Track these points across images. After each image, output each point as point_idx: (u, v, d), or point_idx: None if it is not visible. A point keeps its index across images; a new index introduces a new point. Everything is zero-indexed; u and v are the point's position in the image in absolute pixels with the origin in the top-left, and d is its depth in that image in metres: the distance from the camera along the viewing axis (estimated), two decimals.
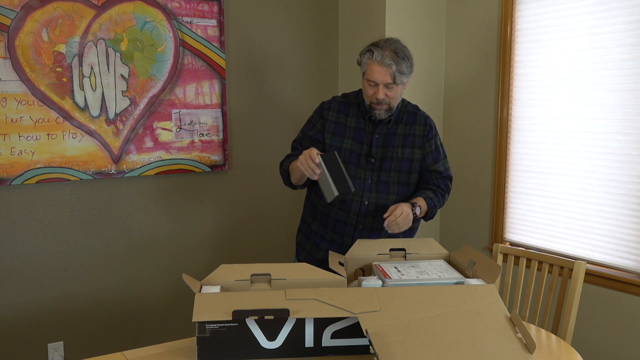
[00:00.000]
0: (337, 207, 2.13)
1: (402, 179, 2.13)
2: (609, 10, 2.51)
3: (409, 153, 2.13)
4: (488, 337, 1.43)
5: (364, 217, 2.11)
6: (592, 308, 2.67)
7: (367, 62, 2.03)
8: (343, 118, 2.15)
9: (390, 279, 1.71)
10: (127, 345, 2.94)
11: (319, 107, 2.22)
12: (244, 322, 1.49)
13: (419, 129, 2.16)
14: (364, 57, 2.05)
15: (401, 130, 2.14)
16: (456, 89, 3.27)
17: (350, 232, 2.13)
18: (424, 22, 3.22)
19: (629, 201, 2.50)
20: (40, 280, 2.71)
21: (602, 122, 2.57)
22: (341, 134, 2.13)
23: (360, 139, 2.12)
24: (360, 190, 2.10)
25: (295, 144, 2.22)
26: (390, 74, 1.99)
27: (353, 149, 2.12)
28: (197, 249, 3.11)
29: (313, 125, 2.19)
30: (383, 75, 1.99)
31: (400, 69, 1.99)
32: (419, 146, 2.14)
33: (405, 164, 2.13)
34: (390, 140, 2.13)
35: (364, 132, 2.12)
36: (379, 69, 1.99)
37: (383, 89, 2.01)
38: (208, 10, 2.96)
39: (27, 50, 2.56)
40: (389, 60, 1.97)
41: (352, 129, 2.13)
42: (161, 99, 2.89)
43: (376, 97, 2.02)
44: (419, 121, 2.17)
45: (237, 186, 3.18)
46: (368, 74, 2.03)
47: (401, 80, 2.01)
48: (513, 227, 3.02)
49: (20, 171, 2.59)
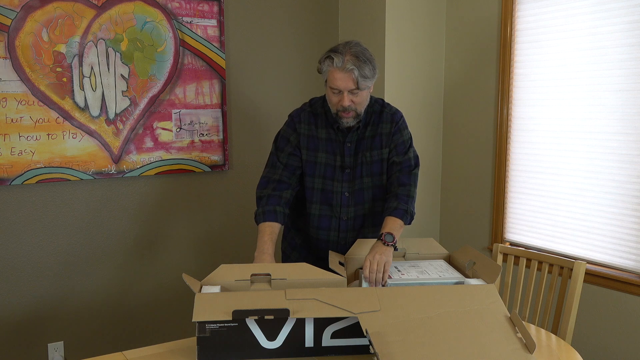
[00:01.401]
0: (316, 227, 2.10)
1: (374, 182, 2.08)
2: (609, 10, 2.50)
3: (377, 155, 2.07)
4: (488, 337, 1.43)
5: (344, 233, 2.09)
6: (592, 308, 2.67)
7: (327, 69, 1.93)
8: (314, 130, 2.08)
9: (390, 279, 1.71)
10: (127, 345, 2.94)
11: (289, 120, 2.14)
12: (244, 322, 1.49)
13: (385, 127, 2.07)
14: (323, 64, 1.94)
15: (369, 132, 2.07)
16: (456, 89, 3.27)
17: (334, 248, 2.10)
18: (424, 22, 3.22)
19: (629, 201, 2.49)
20: (40, 280, 2.71)
21: (602, 122, 2.56)
22: (314, 147, 2.07)
23: (333, 151, 2.06)
24: (338, 205, 2.07)
25: (274, 160, 2.10)
26: (353, 80, 1.89)
27: (328, 162, 2.06)
28: (197, 249, 3.11)
29: (288, 140, 2.10)
30: (346, 82, 1.90)
31: (363, 73, 1.89)
32: (386, 144, 2.07)
33: (375, 166, 2.08)
34: (360, 145, 2.07)
35: (335, 143, 2.06)
36: (340, 75, 1.90)
37: (348, 96, 1.92)
38: (208, 10, 2.96)
39: (27, 50, 2.56)
40: (350, 65, 1.88)
41: (324, 141, 2.07)
42: (161, 99, 2.89)
43: (342, 105, 1.94)
44: (385, 119, 2.08)
45: (237, 186, 3.18)
46: (330, 81, 1.93)
47: (365, 84, 1.92)
48: (513, 227, 3.02)
49: (20, 171, 2.59)
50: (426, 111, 3.30)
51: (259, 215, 2.02)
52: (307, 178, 2.07)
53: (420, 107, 3.27)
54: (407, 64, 3.18)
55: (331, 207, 2.07)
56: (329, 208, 2.07)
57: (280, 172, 2.05)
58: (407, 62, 3.18)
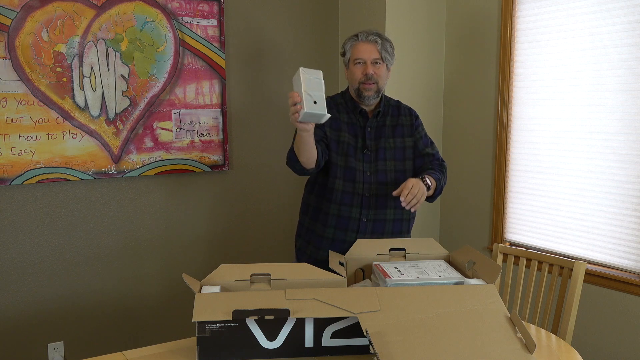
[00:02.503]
0: (338, 202, 2.15)
1: (397, 166, 2.19)
2: (609, 10, 2.51)
3: (400, 142, 2.20)
4: (488, 337, 1.43)
5: (366, 210, 2.15)
6: (592, 308, 2.67)
7: (352, 44, 2.13)
8: (336, 113, 2.20)
9: (390, 279, 1.71)
10: (127, 345, 2.94)
11: None
12: (244, 322, 1.49)
13: (405, 120, 2.23)
14: (347, 43, 2.15)
15: (389, 122, 2.21)
16: (456, 89, 3.27)
17: (355, 226, 2.15)
18: (424, 21, 3.22)
19: (629, 201, 2.49)
20: (40, 280, 2.71)
21: (602, 122, 2.57)
22: (338, 127, 2.18)
23: (354, 133, 2.18)
24: (360, 182, 2.14)
25: None
26: (377, 50, 2.09)
27: (350, 142, 2.17)
28: (196, 248, 3.11)
29: None
30: (370, 52, 2.10)
31: (385, 47, 2.10)
32: (409, 134, 2.22)
33: (398, 152, 2.19)
34: (381, 132, 2.19)
35: (356, 126, 2.19)
36: (364, 46, 2.10)
37: (371, 65, 2.10)
38: (208, 10, 2.96)
39: (27, 50, 2.56)
40: (373, 37, 2.09)
41: (346, 124, 2.19)
42: (161, 99, 2.89)
43: (365, 73, 2.10)
44: (403, 112, 2.25)
45: (237, 186, 3.18)
46: (354, 53, 2.12)
47: (387, 57, 2.12)
48: (513, 227, 3.02)
49: (20, 171, 2.59)
50: (426, 111, 3.30)
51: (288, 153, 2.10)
52: (332, 154, 2.17)
53: (420, 107, 3.27)
54: (407, 63, 3.18)
55: (354, 184, 2.15)
56: (352, 185, 2.15)
57: None
58: (407, 62, 3.18)
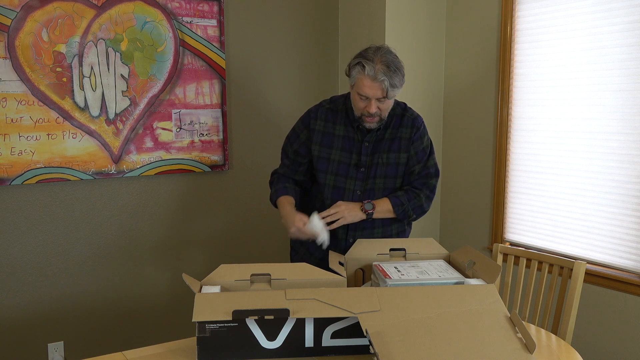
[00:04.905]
0: None
1: (387, 184, 2.09)
2: (609, 10, 2.50)
3: (394, 158, 2.08)
4: (488, 337, 1.43)
5: (353, 230, 2.10)
6: (592, 308, 2.67)
7: (357, 76, 1.93)
8: (331, 127, 2.09)
9: (390, 279, 1.71)
10: (127, 345, 2.94)
11: (305, 115, 2.16)
12: (244, 322, 1.49)
13: (405, 132, 2.09)
14: (353, 70, 1.94)
15: (389, 134, 2.08)
16: (456, 89, 3.27)
17: (342, 245, 2.11)
18: (424, 22, 3.22)
19: (629, 201, 2.49)
20: (40, 280, 2.71)
21: (602, 122, 2.56)
22: (329, 144, 2.08)
23: (349, 148, 2.07)
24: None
25: (283, 155, 2.23)
26: (383, 90, 1.90)
27: (342, 160, 2.07)
28: (197, 248, 3.11)
29: (297, 136, 2.15)
30: (375, 91, 1.91)
31: (393, 83, 1.90)
32: (405, 149, 2.08)
33: (390, 169, 2.08)
34: (378, 146, 2.07)
35: (353, 141, 2.07)
36: (370, 84, 1.90)
37: (375, 103, 1.94)
38: (208, 10, 2.96)
39: (27, 50, 2.56)
40: (381, 75, 1.88)
41: (341, 138, 2.08)
42: (161, 99, 2.89)
43: (367, 111, 1.96)
44: (405, 123, 2.10)
45: (237, 186, 3.18)
46: (359, 87, 1.93)
47: (393, 93, 1.93)
48: (513, 227, 3.02)
49: (20, 171, 2.59)
50: (426, 111, 3.29)
51: (272, 195, 2.17)
52: (320, 174, 2.11)
53: (420, 107, 3.27)
54: (407, 63, 3.15)
55: None
56: None
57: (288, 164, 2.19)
58: (407, 62, 3.16)
